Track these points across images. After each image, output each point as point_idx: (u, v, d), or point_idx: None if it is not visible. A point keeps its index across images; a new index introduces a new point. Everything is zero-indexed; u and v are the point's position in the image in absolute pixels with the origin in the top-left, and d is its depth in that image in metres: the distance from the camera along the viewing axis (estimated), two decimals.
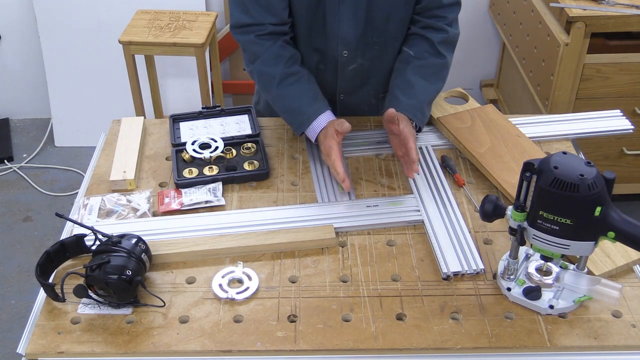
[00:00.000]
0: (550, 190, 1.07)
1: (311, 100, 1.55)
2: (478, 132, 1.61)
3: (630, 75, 2.44)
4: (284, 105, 1.57)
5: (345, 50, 1.61)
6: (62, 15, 3.15)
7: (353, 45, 1.60)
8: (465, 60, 3.38)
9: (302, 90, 1.56)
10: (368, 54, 1.63)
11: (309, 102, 1.55)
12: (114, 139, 1.64)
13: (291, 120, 1.58)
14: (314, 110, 1.53)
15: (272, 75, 1.55)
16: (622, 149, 2.64)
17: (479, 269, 1.28)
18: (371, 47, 1.62)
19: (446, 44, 1.60)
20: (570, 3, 2.37)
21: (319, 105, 1.54)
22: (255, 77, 1.61)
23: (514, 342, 1.15)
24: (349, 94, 1.72)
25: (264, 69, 1.56)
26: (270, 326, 1.18)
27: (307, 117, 1.53)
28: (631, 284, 1.26)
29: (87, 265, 1.18)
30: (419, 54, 1.60)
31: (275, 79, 1.55)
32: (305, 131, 1.54)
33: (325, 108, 1.54)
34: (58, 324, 1.19)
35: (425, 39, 1.60)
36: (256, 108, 1.84)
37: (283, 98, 1.56)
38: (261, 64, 1.56)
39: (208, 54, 3.02)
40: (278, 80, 1.55)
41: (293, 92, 1.55)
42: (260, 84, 1.61)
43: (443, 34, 1.58)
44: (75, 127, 3.38)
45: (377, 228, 1.39)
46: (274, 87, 1.56)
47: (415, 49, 1.61)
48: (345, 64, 1.65)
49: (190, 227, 1.37)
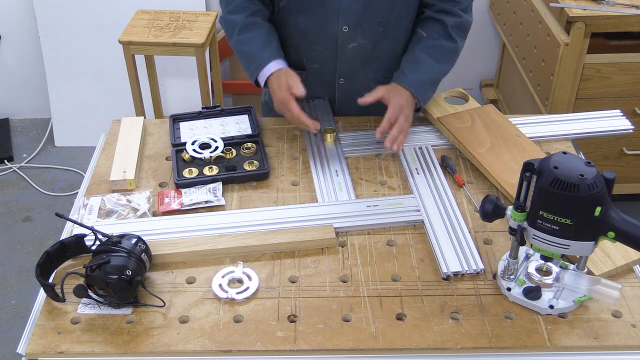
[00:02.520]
0: (550, 190, 1.07)
1: (265, 47, 1.61)
2: (478, 132, 1.61)
3: (630, 75, 2.44)
4: (241, 51, 1.64)
5: (346, 25, 1.60)
6: (62, 15, 3.15)
7: (354, 20, 1.59)
8: (465, 60, 3.35)
9: (258, 36, 1.62)
10: (371, 34, 1.63)
11: (262, 47, 1.61)
12: (114, 139, 1.64)
13: (246, 67, 1.65)
14: (267, 56, 1.60)
15: (236, 22, 1.63)
16: (622, 149, 2.64)
17: (479, 269, 1.28)
18: (374, 28, 1.62)
19: (459, 29, 1.63)
20: (570, 3, 2.37)
21: (271, 51, 1.61)
22: (223, 25, 1.69)
23: (514, 342, 1.15)
24: (349, 78, 1.71)
25: (229, 16, 1.65)
26: (270, 326, 1.18)
27: (261, 60, 1.59)
28: (631, 284, 1.26)
29: (87, 265, 1.18)
30: (431, 35, 1.63)
31: (237, 25, 1.63)
32: (258, 76, 1.60)
33: (278, 55, 1.61)
34: (58, 324, 1.19)
35: (438, 21, 1.63)
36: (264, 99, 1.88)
37: (242, 43, 1.63)
38: (227, 13, 1.66)
39: (208, 54, 3.02)
40: (240, 27, 1.62)
41: (250, 39, 1.62)
42: (225, 31, 1.68)
43: (457, 18, 1.62)
44: (75, 127, 3.38)
45: (377, 228, 1.39)
46: (235, 33, 1.64)
47: (428, 30, 1.64)
48: (345, 42, 1.64)
49: (190, 227, 1.37)
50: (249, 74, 1.64)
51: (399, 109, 1.53)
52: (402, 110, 1.54)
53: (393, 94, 1.56)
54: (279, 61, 1.60)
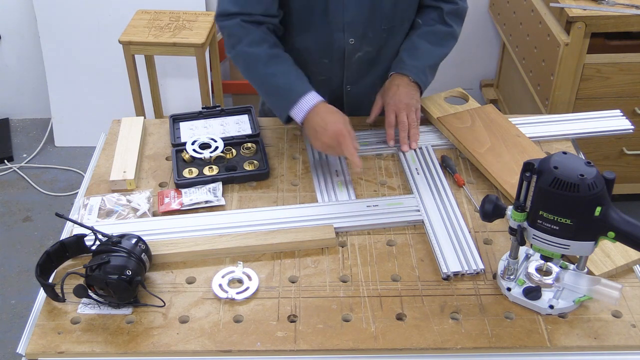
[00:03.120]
0: (550, 190, 1.07)
1: (298, 80, 1.54)
2: (478, 132, 1.61)
3: (630, 75, 2.44)
4: (271, 85, 1.55)
5: (352, 37, 1.61)
6: (62, 15, 3.15)
7: (360, 32, 1.60)
8: (465, 60, 3.38)
9: (289, 69, 1.55)
10: (375, 41, 1.64)
11: (296, 81, 1.53)
12: (114, 139, 1.64)
13: (276, 101, 1.55)
14: (302, 88, 1.51)
15: (258, 55, 1.53)
16: (622, 149, 2.64)
17: (479, 269, 1.28)
18: (379, 35, 1.63)
19: (454, 15, 1.66)
20: (570, 3, 2.37)
21: (306, 85, 1.53)
22: (239, 59, 1.58)
23: (514, 342, 1.15)
24: (355, 84, 1.73)
25: (249, 49, 1.54)
26: (270, 326, 1.18)
27: (296, 93, 1.50)
28: (631, 284, 1.26)
29: (87, 265, 1.18)
30: (426, 22, 1.66)
31: (262, 59, 1.53)
32: (291, 111, 1.51)
33: (312, 88, 1.53)
34: (58, 324, 1.19)
35: (435, 8, 1.66)
36: (262, 108, 1.85)
37: (269, 77, 1.54)
38: (246, 46, 1.54)
39: (208, 54, 3.02)
40: (265, 60, 1.53)
41: (280, 71, 1.54)
42: (244, 65, 1.58)
43: (453, 5, 1.66)
44: (75, 127, 3.37)
45: (377, 228, 1.39)
46: (260, 66, 1.54)
47: (424, 17, 1.67)
48: (352, 53, 1.65)
49: (190, 227, 1.37)
50: (278, 107, 1.55)
51: (395, 110, 1.57)
52: (399, 109, 1.57)
53: (387, 97, 1.60)
54: (315, 94, 1.52)
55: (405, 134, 1.58)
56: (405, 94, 1.59)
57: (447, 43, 1.68)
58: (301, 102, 1.49)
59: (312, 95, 1.50)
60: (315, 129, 1.47)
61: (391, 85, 1.62)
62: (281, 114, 1.54)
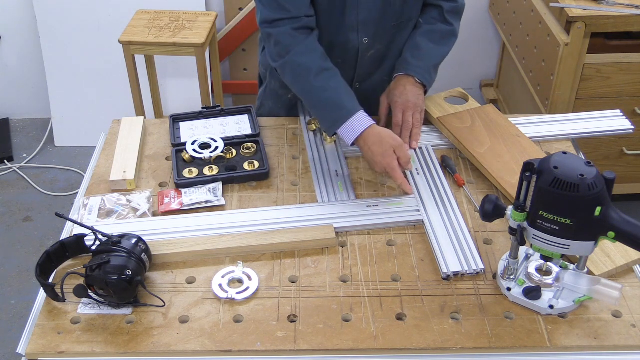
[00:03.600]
0: (550, 190, 1.07)
1: (349, 97, 1.53)
2: (478, 132, 1.61)
3: (630, 75, 2.44)
4: (321, 98, 1.53)
5: (366, 37, 1.63)
6: (62, 15, 3.15)
7: (372, 30, 1.62)
8: (465, 60, 3.37)
9: (340, 85, 1.54)
10: (385, 38, 1.66)
11: (347, 97, 1.52)
12: (114, 139, 1.64)
13: (326, 115, 1.53)
14: (352, 106, 1.50)
15: (309, 67, 1.52)
16: (622, 149, 2.64)
17: (479, 269, 1.28)
18: (388, 32, 1.65)
19: (454, 13, 1.68)
20: (570, 3, 2.37)
21: (355, 103, 1.52)
22: (287, 68, 1.56)
23: (514, 342, 1.15)
24: (364, 80, 1.74)
25: (300, 59, 1.53)
26: (270, 326, 1.18)
27: (347, 111, 1.49)
28: (631, 284, 1.26)
29: (87, 265, 1.18)
30: (427, 21, 1.68)
31: (312, 70, 1.52)
32: (340, 129, 1.50)
33: (361, 108, 1.52)
34: (58, 324, 1.19)
35: (435, 7, 1.68)
36: (258, 113, 1.84)
37: (320, 90, 1.52)
38: (296, 55, 1.53)
39: (208, 54, 3.02)
40: (315, 72, 1.52)
41: (331, 86, 1.53)
42: (293, 75, 1.56)
43: (452, 3, 1.67)
44: (75, 127, 3.37)
45: (377, 228, 1.39)
46: (310, 78, 1.52)
47: (425, 16, 1.69)
48: (365, 52, 1.67)
49: (190, 227, 1.37)
50: (327, 122, 1.53)
51: (404, 109, 1.59)
52: (407, 107, 1.59)
53: (394, 97, 1.62)
54: (364, 114, 1.51)
55: (407, 133, 1.59)
56: (412, 94, 1.60)
57: (449, 42, 1.69)
58: (351, 121, 1.49)
59: (361, 116, 1.49)
60: (367, 158, 1.50)
61: (397, 85, 1.63)
62: (329, 129, 1.53)
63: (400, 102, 1.60)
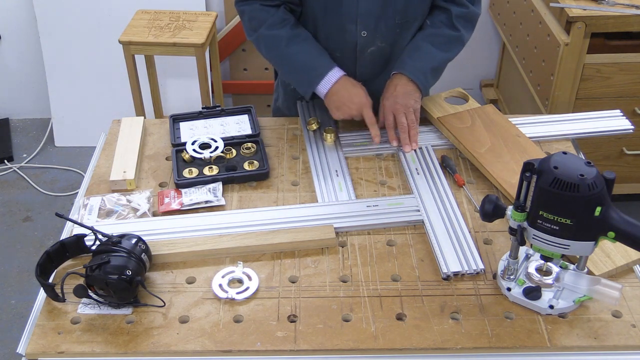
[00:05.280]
0: (550, 190, 1.07)
1: (321, 56, 1.59)
2: (478, 132, 1.61)
3: (630, 75, 2.44)
4: (294, 63, 1.60)
5: (364, 30, 1.62)
6: (62, 15, 3.15)
7: (372, 25, 1.61)
8: (465, 60, 3.36)
9: (311, 48, 1.59)
10: (389, 36, 1.64)
11: (318, 57, 1.58)
12: (114, 139, 1.64)
13: (301, 78, 1.60)
14: (326, 64, 1.57)
15: (280, 37, 1.58)
16: (622, 149, 2.64)
17: (479, 269, 1.28)
18: (392, 29, 1.63)
19: (464, 19, 1.65)
20: (570, 3, 2.37)
21: (328, 60, 1.59)
22: (261, 42, 1.62)
23: (514, 342, 1.15)
24: (369, 80, 1.72)
25: (271, 31, 1.59)
26: (270, 326, 1.18)
27: (321, 70, 1.57)
28: (631, 284, 1.26)
29: (87, 265, 1.18)
30: (434, 24, 1.66)
31: (283, 39, 1.58)
32: (317, 86, 1.57)
33: (335, 64, 1.59)
34: (58, 324, 1.19)
35: (444, 10, 1.65)
36: (275, 105, 1.86)
37: (292, 56, 1.59)
38: (267, 28, 1.59)
39: (208, 54, 3.02)
40: (286, 41, 1.58)
41: (302, 49, 1.58)
42: (266, 47, 1.63)
43: (463, 8, 1.64)
44: (75, 127, 3.37)
45: (377, 228, 1.39)
46: (282, 47, 1.58)
47: (433, 19, 1.67)
48: (364, 47, 1.65)
49: (190, 227, 1.37)
50: (303, 83, 1.61)
51: (393, 110, 1.58)
52: (396, 110, 1.57)
53: (383, 98, 1.61)
54: (338, 68, 1.60)
55: (405, 135, 1.58)
56: (402, 95, 1.59)
57: (452, 48, 1.66)
58: (327, 77, 1.56)
59: (337, 70, 1.58)
60: (342, 101, 1.55)
61: (389, 85, 1.62)
62: (306, 90, 1.60)
63: (388, 104, 1.59)
